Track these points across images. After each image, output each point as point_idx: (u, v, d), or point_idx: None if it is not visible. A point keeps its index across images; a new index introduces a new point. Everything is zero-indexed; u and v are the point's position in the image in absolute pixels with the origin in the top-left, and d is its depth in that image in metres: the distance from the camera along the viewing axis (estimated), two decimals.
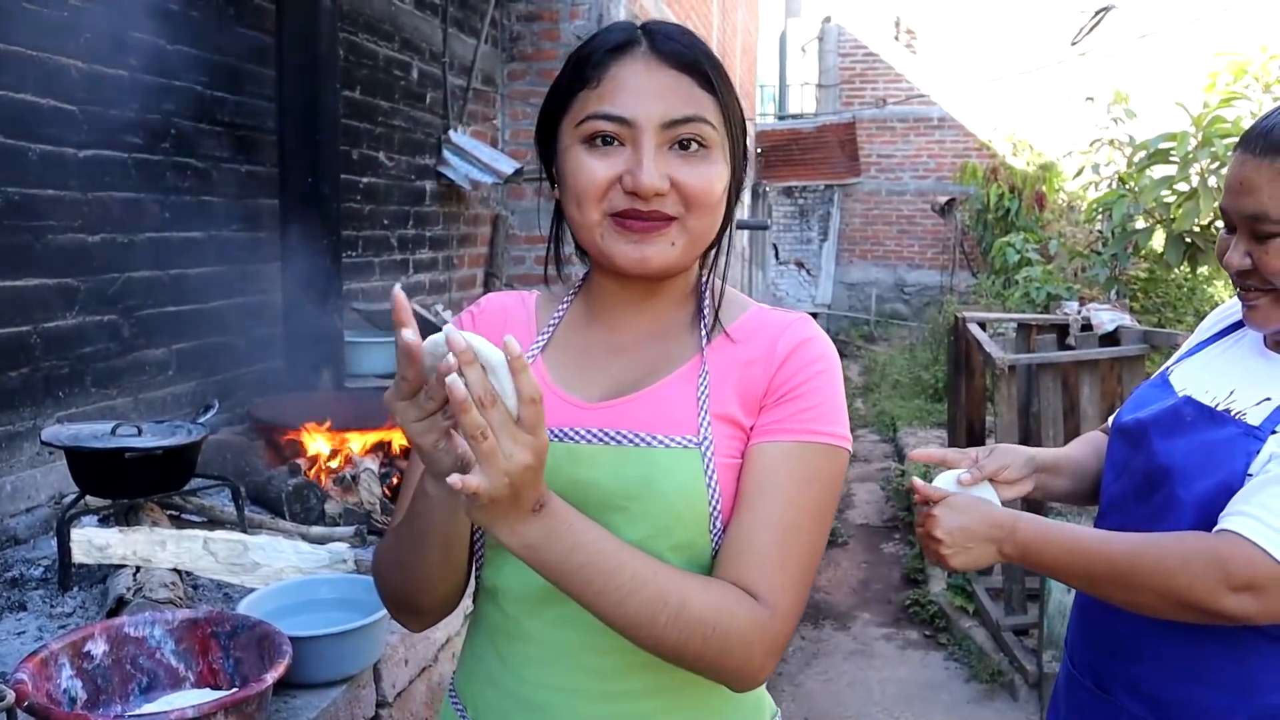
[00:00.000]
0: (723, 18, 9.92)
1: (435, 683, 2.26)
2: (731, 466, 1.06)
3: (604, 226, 1.07)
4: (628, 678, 1.07)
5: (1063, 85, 11.55)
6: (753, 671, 1.01)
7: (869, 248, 13.99)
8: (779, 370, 1.08)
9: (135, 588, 1.91)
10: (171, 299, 2.99)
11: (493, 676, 1.14)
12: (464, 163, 4.79)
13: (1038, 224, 10.29)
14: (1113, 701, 1.51)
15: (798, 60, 15.68)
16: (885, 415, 8.64)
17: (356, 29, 4.01)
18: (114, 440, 2.18)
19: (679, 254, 1.08)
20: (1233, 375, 1.47)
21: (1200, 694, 1.40)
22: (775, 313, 1.16)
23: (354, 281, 4.03)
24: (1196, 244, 5.34)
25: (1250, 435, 1.35)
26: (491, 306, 1.24)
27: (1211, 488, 1.35)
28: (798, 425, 1.06)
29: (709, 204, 1.07)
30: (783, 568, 1.02)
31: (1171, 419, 1.48)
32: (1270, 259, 1.35)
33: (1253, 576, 1.25)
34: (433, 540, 1.04)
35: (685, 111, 1.05)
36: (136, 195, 2.84)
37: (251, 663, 1.63)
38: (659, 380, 1.10)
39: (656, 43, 1.06)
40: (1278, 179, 1.32)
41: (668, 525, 1.03)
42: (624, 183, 1.04)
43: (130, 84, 2.78)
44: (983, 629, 4.40)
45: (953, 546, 1.42)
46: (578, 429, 1.08)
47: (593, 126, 1.05)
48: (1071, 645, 1.64)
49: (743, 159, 1.14)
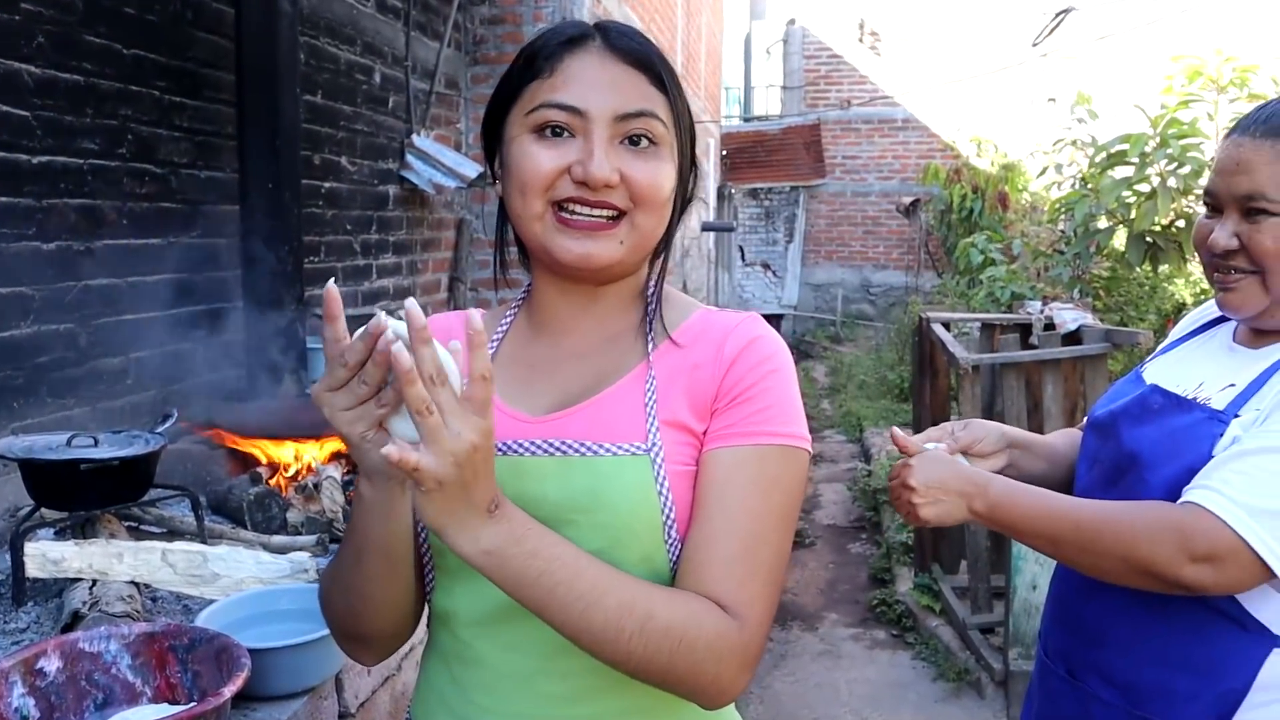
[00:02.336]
0: (687, 20, 9.94)
1: (399, 692, 2.24)
2: (685, 474, 1.03)
3: (546, 219, 1.05)
4: (587, 702, 1.04)
5: (1025, 86, 11.66)
6: (725, 686, 0.97)
7: (834, 249, 14.07)
8: (728, 373, 1.05)
9: (91, 601, 1.88)
10: (129, 307, 2.95)
11: (447, 702, 1.11)
12: (427, 167, 4.76)
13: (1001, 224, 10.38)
14: (1084, 688, 1.53)
15: (762, 62, 15.74)
16: (851, 416, 8.69)
17: (317, 33, 3.98)
18: (69, 451, 2.14)
19: (624, 253, 1.07)
20: (1202, 368, 1.51)
21: (1168, 678, 1.43)
22: (722, 314, 1.14)
23: (316, 287, 3.98)
24: (1157, 243, 5.41)
25: (1215, 419, 1.39)
26: (436, 327, 1.23)
27: (1178, 471, 1.39)
28: (752, 428, 1.03)
29: (656, 200, 1.06)
30: (751, 578, 0.99)
31: (1139, 408, 1.52)
32: (1262, 238, 1.39)
33: (1212, 548, 1.28)
34: (372, 552, 1.01)
35: (638, 105, 1.04)
36: (93, 202, 2.80)
37: (210, 676, 1.61)
38: (605, 389, 1.08)
39: (610, 38, 1.06)
40: (1277, 160, 1.37)
41: (620, 537, 1.00)
42: (573, 173, 1.03)
43: (86, 89, 2.74)
44: (949, 628, 4.43)
45: (925, 496, 1.45)
46: (523, 441, 1.06)
47: (544, 115, 1.04)
48: (1045, 634, 1.67)
49: (690, 163, 1.13)
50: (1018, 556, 3.65)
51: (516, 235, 1.14)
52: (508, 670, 1.06)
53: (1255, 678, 1.36)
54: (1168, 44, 6.79)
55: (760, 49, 15.83)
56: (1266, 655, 1.35)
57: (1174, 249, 5.39)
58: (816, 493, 6.87)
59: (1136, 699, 1.46)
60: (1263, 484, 1.28)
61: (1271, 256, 1.39)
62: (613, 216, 1.05)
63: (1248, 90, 5.34)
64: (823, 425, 8.85)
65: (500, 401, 1.10)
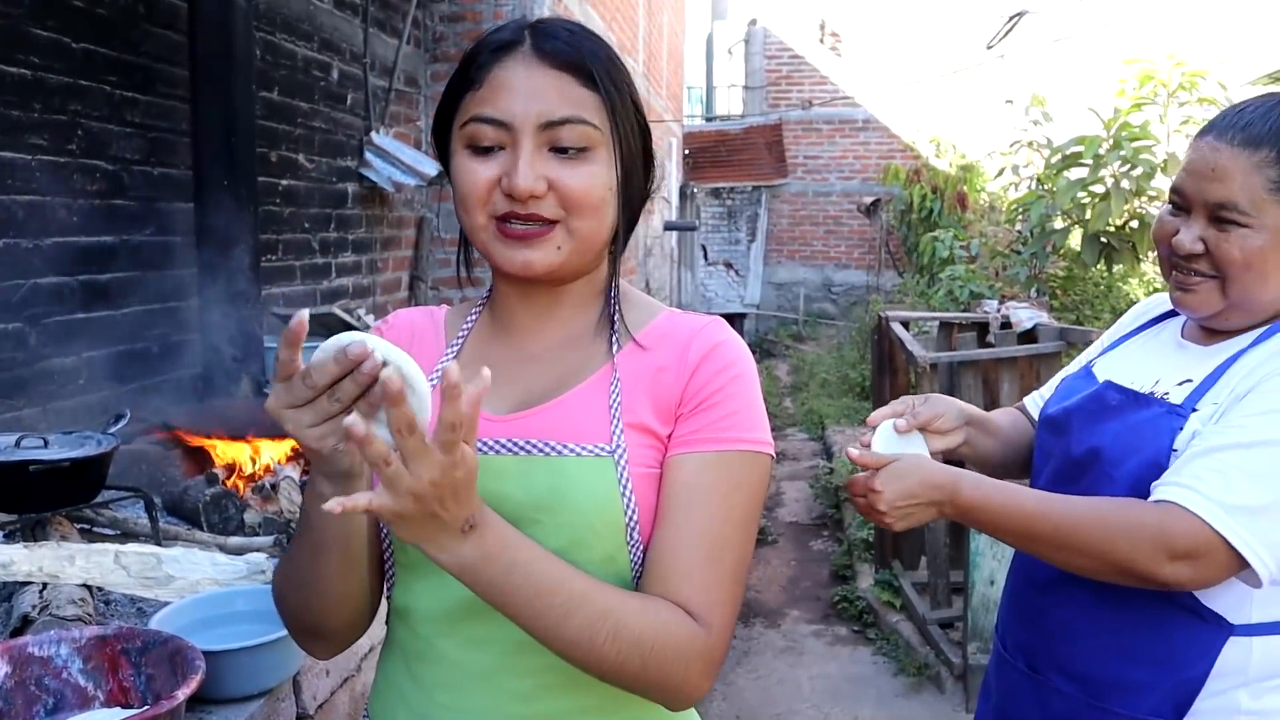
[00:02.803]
0: (649, 19, 9.95)
1: (358, 693, 2.22)
2: (649, 476, 1.04)
3: (489, 231, 1.06)
4: (547, 699, 1.04)
5: (983, 88, 11.80)
6: (690, 690, 1.00)
7: (796, 248, 14.15)
8: (692, 378, 1.06)
9: (42, 605, 1.84)
10: (81, 305, 2.90)
11: (406, 699, 1.10)
12: (386, 164, 4.72)
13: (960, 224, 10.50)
14: (1044, 681, 1.55)
15: (724, 62, 15.80)
16: (813, 414, 8.74)
17: (274, 28, 3.93)
18: (18, 453, 2.10)
19: (564, 257, 1.06)
20: (1155, 364, 1.53)
21: (1127, 669, 1.44)
22: (686, 317, 1.14)
23: (274, 286, 3.95)
24: (1111, 244, 5.50)
25: (1173, 413, 1.41)
26: (399, 322, 1.22)
27: (1140, 465, 1.40)
28: (717, 434, 1.04)
29: (589, 205, 1.05)
30: (716, 584, 1.01)
31: (1096, 405, 1.53)
32: (1229, 247, 1.39)
33: (1192, 546, 1.29)
34: (330, 550, 1.01)
35: (563, 113, 1.03)
36: (41, 198, 2.75)
37: (164, 679, 1.58)
38: (569, 390, 1.08)
39: (539, 42, 1.05)
40: (1254, 172, 1.37)
41: (582, 537, 1.00)
42: (502, 185, 1.03)
43: (33, 83, 2.69)
44: (909, 623, 4.47)
45: (895, 514, 1.44)
46: (486, 440, 1.05)
47: (474, 130, 1.04)
48: (1003, 629, 1.68)
49: (638, 156, 1.11)
50: (976, 553, 3.69)
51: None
52: (469, 668, 1.05)
53: (1212, 667, 1.38)
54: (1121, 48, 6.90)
55: (722, 49, 15.88)
56: (1223, 644, 1.37)
57: (1128, 249, 5.48)
58: (779, 490, 6.90)
59: (1096, 691, 1.48)
60: (1235, 480, 1.29)
61: (1237, 266, 1.39)
62: (546, 224, 1.05)
63: (1197, 94, 5.44)
64: (785, 423, 8.89)
65: None
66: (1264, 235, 1.38)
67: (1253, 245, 1.38)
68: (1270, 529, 1.28)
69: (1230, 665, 1.38)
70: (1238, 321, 1.46)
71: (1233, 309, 1.44)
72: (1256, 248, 1.38)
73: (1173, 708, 1.40)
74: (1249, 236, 1.38)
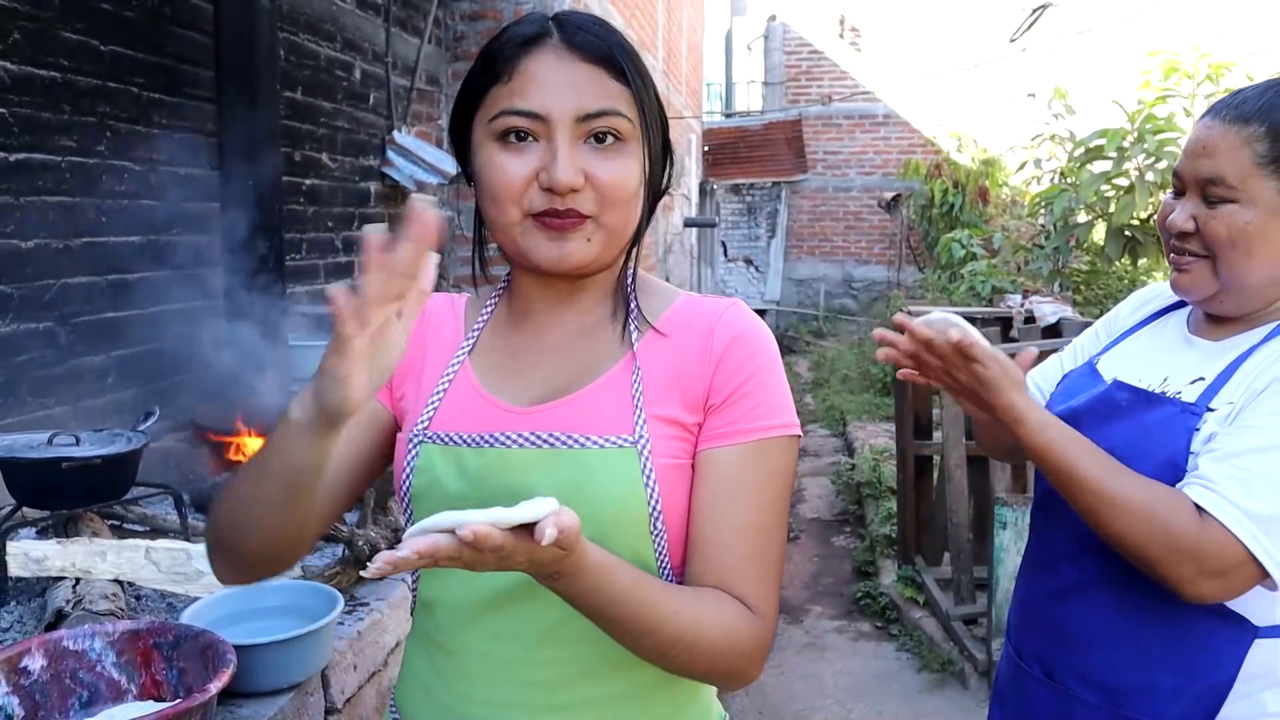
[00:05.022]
0: (668, 16, 9.94)
1: (385, 687, 2.24)
2: (675, 468, 1.04)
3: (524, 225, 1.05)
4: (571, 689, 1.05)
5: (1004, 81, 11.72)
6: (750, 678, 1.05)
7: (816, 244, 14.10)
8: (719, 369, 1.06)
9: (75, 600, 1.87)
10: (110, 305, 2.94)
11: (430, 690, 1.11)
12: (408, 163, 4.74)
13: (981, 219, 10.44)
14: (1064, 690, 1.52)
15: (743, 58, 15.77)
16: (835, 410, 8.71)
17: (297, 29, 3.96)
18: (50, 450, 2.13)
19: (596, 250, 1.06)
20: (1163, 361, 1.49)
21: (1152, 676, 1.42)
22: (705, 301, 1.13)
23: (298, 285, 3.98)
24: (1135, 237, 5.46)
25: (1188, 412, 1.38)
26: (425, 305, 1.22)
27: (1156, 468, 1.36)
28: (751, 424, 1.05)
29: (623, 199, 1.05)
30: (765, 574, 1.04)
31: (1105, 405, 1.49)
32: (1216, 224, 1.38)
33: (1223, 564, 1.26)
34: (274, 476, 0.96)
35: (599, 105, 1.03)
36: (72, 199, 2.78)
37: (195, 673, 1.61)
38: (591, 382, 1.08)
39: (568, 34, 1.04)
40: (1242, 146, 1.35)
41: (606, 529, 1.00)
42: (540, 179, 1.02)
43: (63, 85, 2.73)
44: (933, 619, 4.46)
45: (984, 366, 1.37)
46: (508, 433, 1.05)
47: (506, 123, 1.03)
48: (1016, 637, 1.65)
49: (662, 151, 1.11)
50: (1000, 548, 3.67)
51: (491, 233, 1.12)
52: (493, 659, 1.06)
53: (1239, 670, 1.36)
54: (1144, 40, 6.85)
55: (741, 45, 15.85)
56: (1249, 647, 1.36)
57: (1152, 242, 5.44)
58: (801, 487, 6.89)
59: (1120, 699, 1.45)
60: (1260, 487, 1.26)
61: (1223, 243, 1.38)
62: (580, 216, 1.05)
63: (1223, 85, 5.39)
64: (806, 420, 8.87)
65: (484, 390, 1.11)
66: (1251, 211, 1.36)
67: (1238, 221, 1.36)
68: None
69: (1257, 668, 1.36)
70: (1233, 306, 1.43)
71: (1226, 291, 1.41)
72: (1242, 224, 1.36)
73: (1201, 713, 1.38)
74: (1235, 212, 1.36)
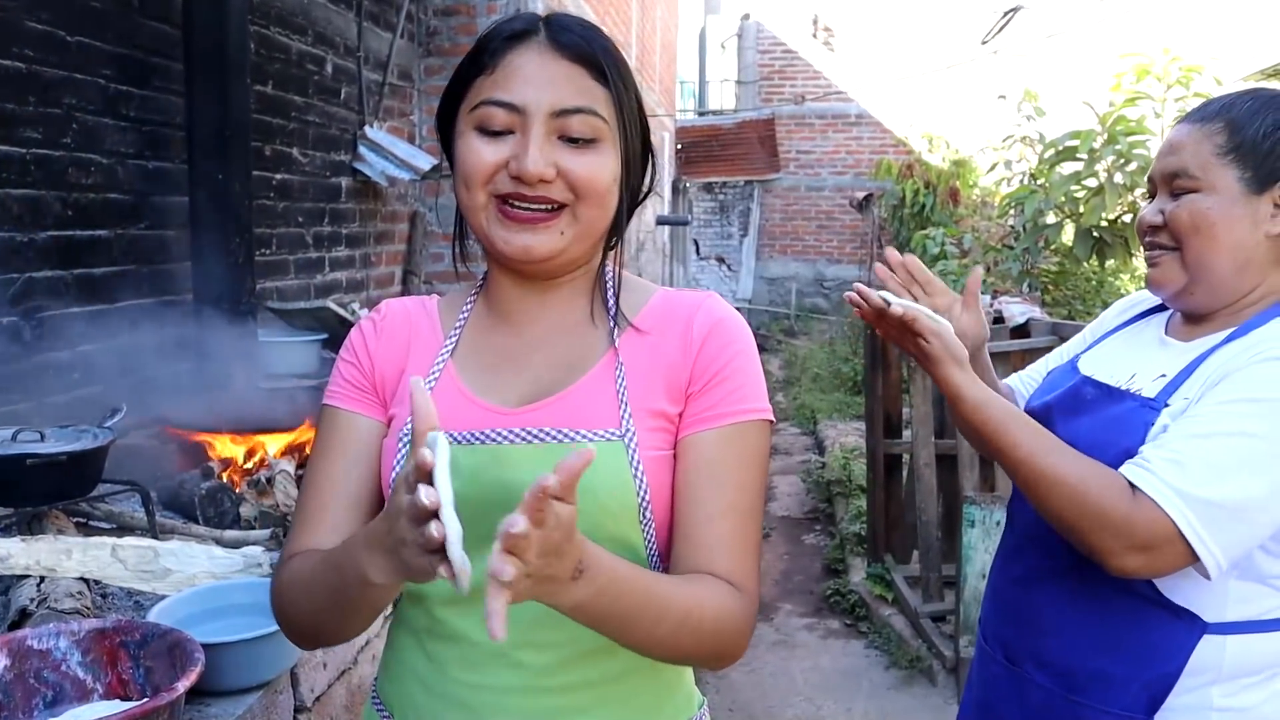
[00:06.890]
0: (642, 14, 9.94)
1: (355, 686, 2.23)
2: (660, 459, 1.07)
3: (489, 210, 1.08)
4: (563, 672, 1.08)
5: (976, 83, 11.81)
6: (739, 653, 1.08)
7: (789, 243, 14.15)
8: (699, 357, 1.10)
9: (39, 598, 1.85)
10: (76, 300, 2.90)
11: (421, 677, 1.13)
12: (380, 159, 4.72)
13: (952, 219, 10.50)
14: (1021, 674, 1.57)
15: (717, 57, 15.77)
16: (805, 408, 8.75)
17: (268, 22, 3.92)
18: (14, 447, 2.10)
19: (567, 243, 1.09)
20: (1134, 360, 1.54)
21: (1104, 664, 1.46)
22: (681, 295, 1.17)
23: (268, 280, 3.94)
24: (1104, 238, 5.52)
25: (1147, 407, 1.42)
26: (393, 312, 1.23)
27: (1112, 460, 1.40)
28: (729, 408, 1.09)
29: (595, 192, 1.08)
30: (747, 553, 1.08)
31: (1072, 400, 1.56)
32: (1180, 212, 1.44)
33: (1150, 539, 1.29)
34: (363, 614, 1.06)
35: (576, 102, 1.06)
36: (36, 192, 2.74)
37: (163, 672, 1.59)
38: (576, 380, 1.11)
39: (554, 33, 1.08)
40: (1203, 140, 1.43)
41: (598, 521, 1.03)
42: (509, 168, 1.05)
43: (28, 77, 2.69)
44: (901, 616, 4.49)
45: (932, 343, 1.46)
46: (499, 430, 1.08)
47: (485, 112, 1.07)
48: (985, 623, 1.70)
49: (641, 153, 1.14)
50: (968, 546, 3.70)
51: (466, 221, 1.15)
52: (487, 645, 1.07)
53: (1186, 663, 1.39)
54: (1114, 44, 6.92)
55: (715, 43, 15.85)
56: (1197, 641, 1.38)
57: (1120, 244, 5.49)
58: (771, 484, 6.91)
59: (1072, 685, 1.49)
60: (1195, 470, 1.29)
61: (1187, 229, 1.44)
62: (552, 209, 1.07)
63: (1193, 89, 5.45)
64: (777, 418, 8.87)
65: (471, 393, 1.13)
66: (1212, 198, 1.42)
67: (1200, 207, 1.43)
68: (1226, 525, 1.27)
69: (1204, 663, 1.38)
70: (1204, 298, 1.47)
71: (1195, 281, 1.45)
72: (1204, 209, 1.42)
73: (1146, 702, 1.41)
74: (1197, 200, 1.43)
